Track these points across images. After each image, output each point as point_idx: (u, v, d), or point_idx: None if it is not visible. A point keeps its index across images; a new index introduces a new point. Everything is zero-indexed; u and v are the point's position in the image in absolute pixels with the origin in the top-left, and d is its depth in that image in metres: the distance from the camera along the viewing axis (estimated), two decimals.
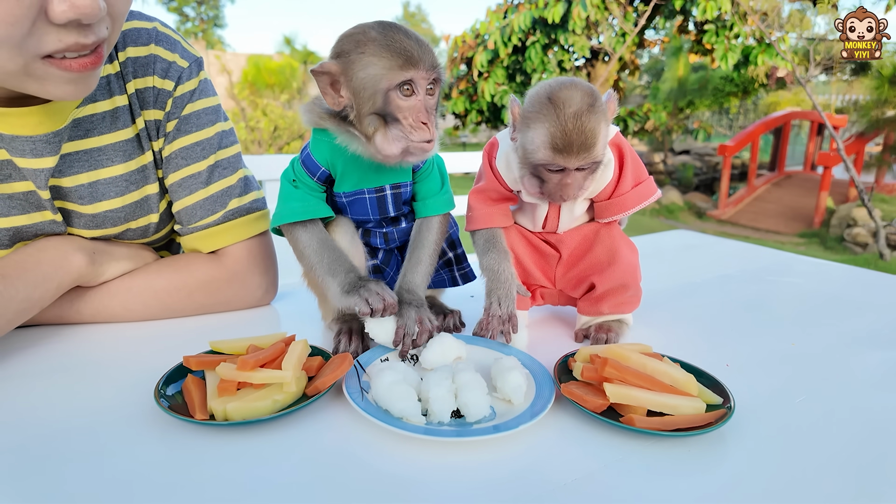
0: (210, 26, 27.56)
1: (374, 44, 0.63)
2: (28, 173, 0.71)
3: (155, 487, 0.48)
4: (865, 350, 0.76)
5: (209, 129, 0.84)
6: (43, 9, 0.53)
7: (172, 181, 0.84)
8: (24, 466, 0.50)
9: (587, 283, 0.78)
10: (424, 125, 0.64)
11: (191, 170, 0.83)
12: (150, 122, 0.80)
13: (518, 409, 0.57)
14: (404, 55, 0.62)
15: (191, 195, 0.84)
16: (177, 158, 0.82)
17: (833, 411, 0.60)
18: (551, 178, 0.69)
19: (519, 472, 0.50)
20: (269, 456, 0.52)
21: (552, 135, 0.65)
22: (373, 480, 0.49)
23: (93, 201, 0.76)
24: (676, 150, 10.11)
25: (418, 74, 0.63)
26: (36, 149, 0.70)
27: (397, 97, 0.64)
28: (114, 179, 0.77)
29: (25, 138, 0.69)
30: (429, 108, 0.66)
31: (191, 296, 0.85)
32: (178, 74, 0.80)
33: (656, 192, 0.76)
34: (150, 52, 0.79)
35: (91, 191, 0.76)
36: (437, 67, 0.65)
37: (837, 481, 0.49)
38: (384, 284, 0.67)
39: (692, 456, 0.52)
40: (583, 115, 0.65)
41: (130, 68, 0.77)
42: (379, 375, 0.59)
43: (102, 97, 0.76)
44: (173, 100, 0.81)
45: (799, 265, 1.20)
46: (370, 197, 0.72)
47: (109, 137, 0.76)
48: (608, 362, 0.58)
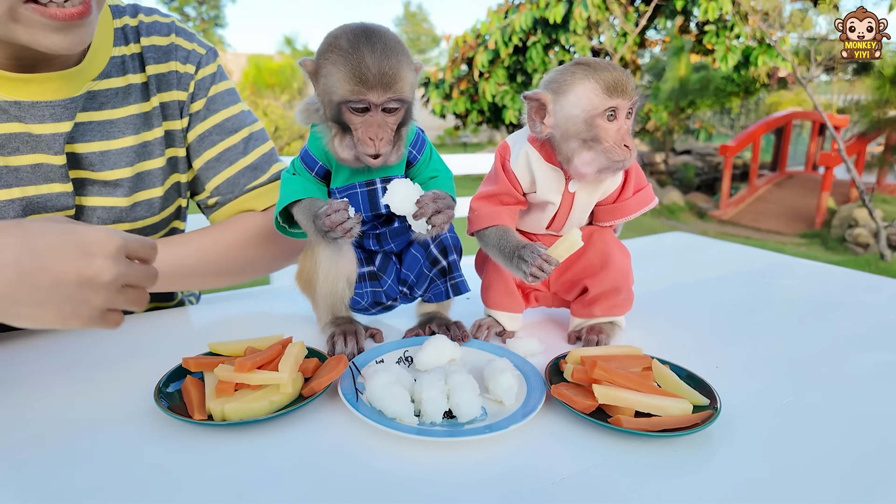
0: (211, 26, 27.58)
1: (337, 53, 0.64)
2: (47, 139, 0.73)
3: (154, 486, 0.49)
4: (854, 352, 0.77)
5: (234, 106, 0.92)
6: None
7: (209, 157, 0.89)
8: (25, 466, 0.51)
9: (580, 286, 0.79)
10: (371, 141, 0.65)
11: (226, 143, 0.90)
12: (172, 103, 0.86)
13: (509, 410, 0.59)
14: (357, 76, 0.63)
15: (231, 166, 0.90)
16: (211, 135, 0.89)
17: (820, 412, 0.62)
18: (608, 129, 0.69)
19: (509, 472, 0.51)
20: (266, 455, 0.53)
21: (604, 80, 0.68)
22: (367, 479, 0.50)
23: (103, 168, 0.80)
24: (678, 151, 10.10)
25: (370, 96, 0.64)
26: (55, 113, 0.73)
27: (349, 111, 0.65)
28: (124, 150, 0.82)
29: (46, 103, 0.72)
30: (383, 125, 0.66)
31: (262, 244, 0.89)
32: (197, 60, 0.88)
33: (654, 199, 0.78)
34: (170, 42, 0.86)
35: (102, 159, 0.80)
36: (392, 88, 0.64)
37: (823, 481, 0.50)
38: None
39: (679, 456, 0.53)
40: (617, 67, 0.70)
41: (152, 54, 0.84)
42: (373, 377, 0.60)
43: (117, 74, 0.81)
44: (196, 82, 0.88)
45: (794, 267, 1.21)
46: (361, 191, 0.73)
47: (120, 112, 0.81)
48: (597, 364, 0.59)
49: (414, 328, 0.81)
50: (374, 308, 0.82)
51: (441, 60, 30.71)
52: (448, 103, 9.01)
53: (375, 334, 0.80)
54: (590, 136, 0.69)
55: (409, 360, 0.71)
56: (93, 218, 0.82)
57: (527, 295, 0.84)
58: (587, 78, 0.68)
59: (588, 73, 0.68)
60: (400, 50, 0.65)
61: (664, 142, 9.31)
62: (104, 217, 0.82)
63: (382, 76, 0.63)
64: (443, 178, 0.76)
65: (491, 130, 11.38)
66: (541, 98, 0.71)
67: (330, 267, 0.76)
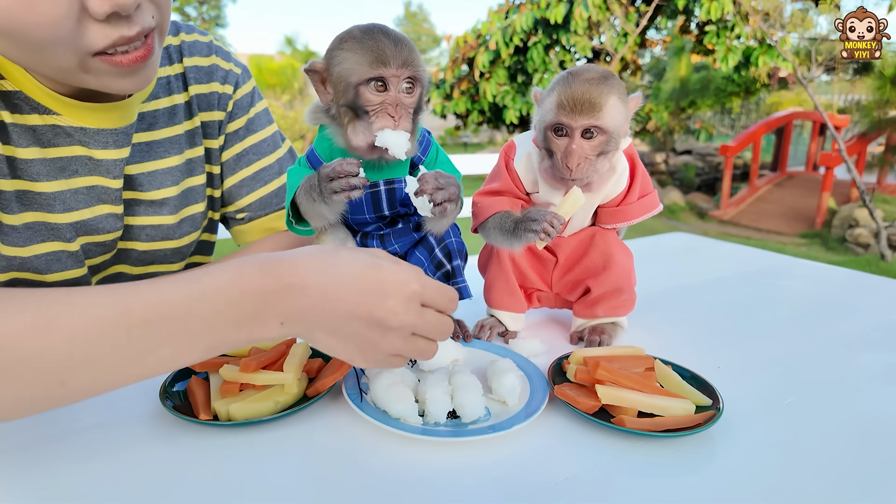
0: (212, 26, 27.60)
1: (351, 41, 0.65)
2: (108, 164, 0.74)
3: (159, 486, 0.49)
4: (856, 352, 0.77)
5: (270, 127, 0.94)
6: (83, 6, 0.54)
7: (245, 175, 0.90)
8: (31, 465, 0.52)
9: (583, 286, 0.79)
10: (389, 115, 0.66)
11: (263, 163, 0.92)
12: (212, 123, 0.87)
13: (513, 410, 0.59)
14: (375, 52, 0.64)
15: (266, 185, 0.92)
16: (248, 154, 0.90)
17: (821, 413, 0.62)
18: (558, 145, 0.70)
19: (513, 472, 0.52)
20: (271, 455, 0.53)
21: (560, 95, 0.69)
22: (371, 479, 0.50)
23: (152, 188, 0.81)
24: (678, 151, 10.10)
25: (388, 72, 0.65)
26: (118, 140, 0.74)
27: (368, 92, 0.66)
28: (170, 169, 0.82)
29: (110, 131, 0.73)
30: (401, 104, 0.67)
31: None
32: (235, 80, 0.89)
33: (659, 205, 0.79)
34: (211, 63, 0.86)
35: (150, 179, 0.80)
36: (410, 65, 0.65)
37: (825, 482, 0.51)
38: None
39: (681, 456, 0.54)
40: (592, 80, 0.68)
41: (194, 74, 0.85)
42: (377, 377, 0.61)
43: (163, 94, 0.82)
44: (235, 102, 0.89)
45: (795, 268, 1.21)
46: (365, 193, 0.74)
47: (167, 132, 0.82)
48: (600, 365, 0.60)
49: None
50: None
51: (442, 61, 30.71)
52: (449, 103, 9.01)
53: None
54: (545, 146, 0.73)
55: (413, 361, 0.72)
56: (141, 236, 0.81)
57: (529, 295, 0.84)
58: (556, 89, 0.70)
59: (559, 84, 0.70)
60: (412, 43, 0.68)
61: (665, 142, 9.31)
62: (152, 235, 0.82)
63: (399, 53, 0.65)
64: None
65: (491, 131, 11.38)
66: (535, 97, 0.75)
67: None
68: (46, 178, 0.70)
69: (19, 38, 0.54)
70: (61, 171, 0.71)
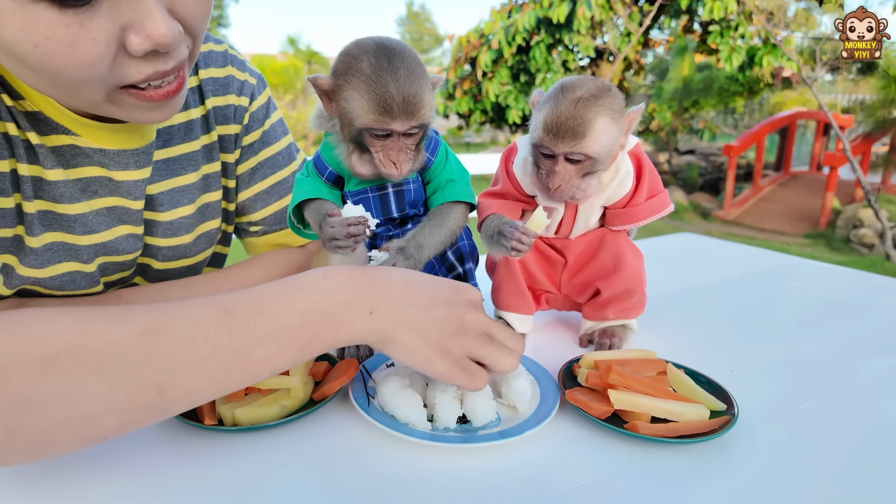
0: (214, 26, 27.64)
1: (360, 78, 0.63)
2: (129, 185, 0.72)
3: (164, 491, 0.48)
4: (870, 355, 0.76)
5: (284, 139, 0.91)
6: (122, 43, 0.52)
7: (260, 189, 0.88)
8: (34, 471, 0.51)
9: (592, 288, 0.78)
10: (393, 164, 0.66)
11: (277, 177, 0.89)
12: (228, 137, 0.84)
13: (523, 415, 0.58)
14: (382, 106, 0.62)
15: (279, 200, 0.90)
16: (263, 168, 0.88)
17: (837, 417, 0.61)
18: (544, 164, 0.70)
19: (524, 479, 0.51)
20: (277, 460, 0.52)
21: (547, 115, 0.67)
22: (379, 485, 0.49)
23: (170, 208, 0.78)
24: (681, 150, 10.08)
25: (394, 125, 0.64)
26: (139, 160, 0.72)
27: (371, 136, 0.65)
28: (187, 187, 0.79)
29: (131, 152, 0.71)
30: (403, 148, 0.66)
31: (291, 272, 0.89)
32: (250, 91, 0.86)
33: (669, 205, 0.77)
34: (227, 73, 0.83)
35: (169, 198, 0.78)
36: (416, 117, 0.64)
37: (841, 488, 0.49)
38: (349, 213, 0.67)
39: (696, 462, 0.53)
40: (581, 101, 0.65)
41: (210, 86, 0.81)
42: (385, 381, 0.60)
43: (180, 110, 0.78)
44: (250, 114, 0.86)
45: (802, 269, 1.20)
46: (373, 196, 0.73)
47: (184, 147, 0.79)
48: (612, 369, 0.58)
49: None
50: None
51: (444, 60, 30.67)
52: (451, 103, 9.00)
53: None
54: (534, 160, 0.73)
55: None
56: (158, 256, 0.80)
57: (537, 297, 0.83)
58: (545, 107, 0.69)
59: (549, 102, 0.68)
60: (421, 72, 0.65)
61: (668, 142, 9.30)
62: (169, 255, 0.81)
63: (406, 105, 0.63)
64: (459, 182, 0.76)
65: (494, 130, 11.38)
66: (533, 101, 0.73)
67: None
68: (69, 199, 0.67)
69: (55, 77, 0.52)
70: (83, 193, 0.69)
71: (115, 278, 0.78)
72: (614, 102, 0.67)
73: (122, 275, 0.78)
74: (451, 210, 0.74)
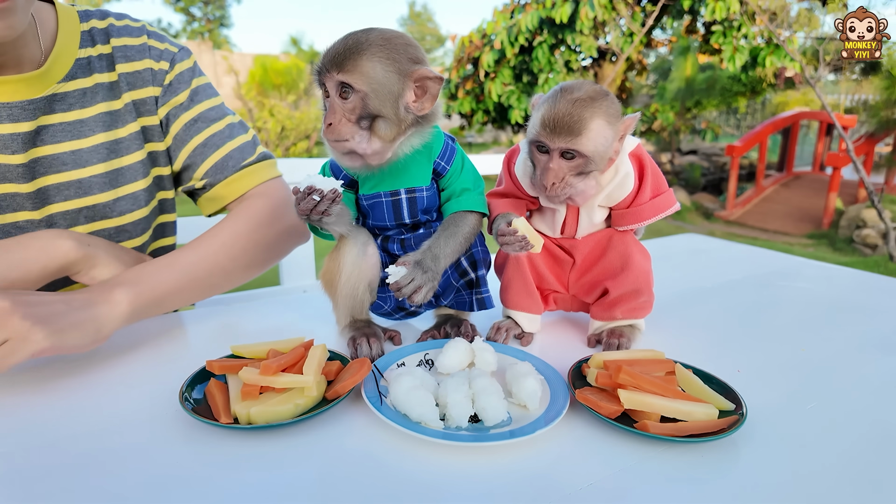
0: (216, 26, 27.66)
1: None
2: (4, 139, 0.76)
3: (180, 488, 0.49)
4: (876, 356, 0.76)
5: (215, 98, 0.97)
6: None
7: (196, 144, 0.92)
8: (51, 468, 0.52)
9: (600, 288, 0.79)
10: (328, 125, 0.67)
11: (212, 129, 0.94)
12: (148, 99, 0.89)
13: (534, 415, 0.59)
14: (320, 57, 0.67)
15: (219, 150, 0.93)
16: (196, 123, 0.92)
17: (845, 418, 0.61)
18: (539, 160, 0.72)
19: (535, 477, 0.51)
20: (291, 459, 0.53)
21: (545, 113, 0.69)
22: (392, 483, 0.50)
23: (76, 167, 0.82)
24: (684, 151, 10.06)
25: (321, 77, 0.67)
26: (13, 114, 0.76)
27: (323, 97, 0.69)
28: (96, 147, 0.84)
29: (3, 105, 0.76)
30: (338, 110, 0.66)
31: (262, 225, 0.91)
32: (171, 57, 0.92)
33: (674, 204, 0.77)
34: (143, 42, 0.90)
35: (74, 157, 0.82)
36: (331, 69, 0.65)
37: (849, 487, 0.50)
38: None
39: (705, 462, 0.53)
40: (578, 102, 0.68)
41: (122, 53, 0.87)
42: (397, 380, 0.60)
43: (83, 75, 0.84)
44: (175, 76, 0.91)
45: (807, 269, 1.21)
46: (386, 200, 0.74)
47: (89, 111, 0.84)
48: (622, 369, 0.59)
49: (429, 330, 0.81)
50: (398, 313, 0.82)
51: (446, 60, 30.69)
52: (453, 103, 9.00)
53: (394, 336, 0.80)
54: (530, 158, 0.74)
55: (430, 363, 0.71)
56: (80, 219, 0.83)
57: (545, 297, 0.84)
58: (544, 105, 0.70)
59: (548, 101, 0.70)
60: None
61: (670, 142, 9.29)
62: (89, 215, 0.84)
63: (334, 54, 0.66)
64: (473, 191, 0.76)
65: (496, 130, 11.37)
66: (532, 104, 0.75)
67: (353, 269, 0.76)
68: None
69: None
70: None
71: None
72: (611, 107, 0.70)
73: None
74: (465, 218, 0.75)
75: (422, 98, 0.69)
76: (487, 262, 0.79)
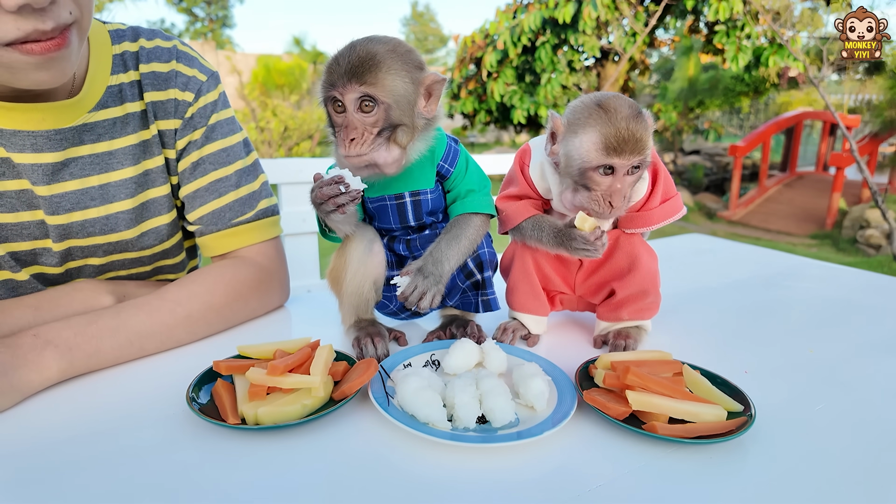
0: (219, 26, 27.70)
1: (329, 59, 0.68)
2: (24, 168, 0.73)
3: (188, 489, 0.49)
4: (884, 357, 0.76)
5: (233, 136, 0.89)
6: None
7: (199, 186, 0.86)
8: (59, 469, 0.52)
9: (607, 289, 0.79)
10: (345, 141, 0.67)
11: (220, 174, 0.87)
12: (168, 132, 0.84)
13: (541, 416, 0.58)
14: (328, 72, 0.67)
15: (220, 198, 0.87)
16: (205, 164, 0.86)
17: (852, 418, 0.61)
18: (601, 183, 0.70)
19: (542, 478, 0.51)
20: (299, 459, 0.53)
21: (605, 136, 0.67)
22: (399, 484, 0.50)
23: (104, 202, 0.79)
24: (686, 151, 10.04)
25: (338, 91, 0.66)
26: (36, 144, 0.72)
27: (332, 111, 0.68)
28: (124, 182, 0.80)
29: (26, 133, 0.72)
30: (359, 125, 0.66)
31: (239, 297, 0.85)
32: (197, 87, 0.85)
33: (682, 209, 0.77)
34: (171, 69, 0.83)
35: (102, 192, 0.79)
36: (351, 82, 0.65)
37: (858, 488, 0.50)
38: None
39: (713, 463, 0.53)
40: (632, 118, 0.68)
41: (151, 81, 0.82)
42: (404, 381, 0.60)
43: (114, 104, 0.79)
44: (198, 110, 0.85)
45: (812, 269, 1.20)
46: (391, 204, 0.74)
47: (120, 142, 0.80)
48: (630, 370, 0.59)
49: (435, 330, 0.81)
50: (403, 313, 0.82)
51: (449, 60, 30.64)
52: (456, 103, 8.99)
53: (399, 336, 0.80)
54: (581, 182, 0.71)
55: (436, 364, 0.71)
56: (98, 252, 0.82)
57: (552, 298, 0.83)
58: (595, 128, 0.68)
59: (598, 123, 0.68)
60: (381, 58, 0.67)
61: (673, 142, 9.27)
62: (109, 250, 0.82)
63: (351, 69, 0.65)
64: (479, 193, 0.76)
65: (499, 130, 11.36)
66: (556, 126, 0.72)
67: (358, 266, 0.76)
68: None
69: None
70: None
71: (37, 270, 0.79)
72: (645, 114, 0.70)
73: (47, 269, 0.79)
74: (470, 221, 0.75)
75: (428, 101, 0.70)
76: (494, 264, 0.79)
